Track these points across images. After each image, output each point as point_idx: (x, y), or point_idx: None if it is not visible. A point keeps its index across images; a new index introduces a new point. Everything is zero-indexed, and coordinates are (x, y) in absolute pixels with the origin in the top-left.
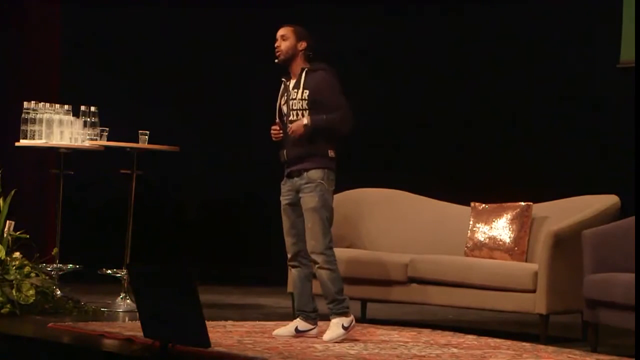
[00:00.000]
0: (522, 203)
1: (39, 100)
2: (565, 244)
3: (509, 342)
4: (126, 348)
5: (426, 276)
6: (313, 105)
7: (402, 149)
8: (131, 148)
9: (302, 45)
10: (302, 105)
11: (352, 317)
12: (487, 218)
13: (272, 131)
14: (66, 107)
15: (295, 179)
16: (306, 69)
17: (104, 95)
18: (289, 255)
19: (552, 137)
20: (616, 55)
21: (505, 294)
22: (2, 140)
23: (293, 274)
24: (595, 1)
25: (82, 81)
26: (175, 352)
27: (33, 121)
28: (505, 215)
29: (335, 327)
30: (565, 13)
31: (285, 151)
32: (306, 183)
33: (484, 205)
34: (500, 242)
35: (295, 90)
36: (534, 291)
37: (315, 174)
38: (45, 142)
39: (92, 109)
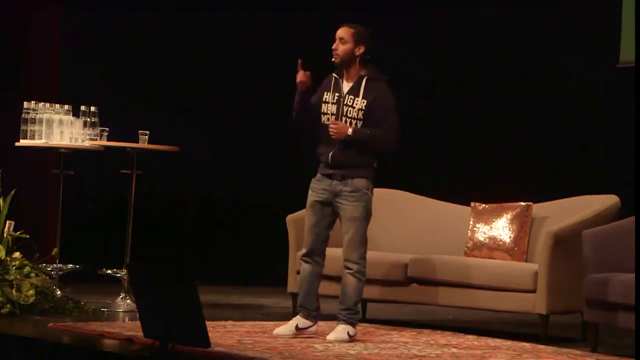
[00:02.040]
0: (522, 203)
1: (39, 100)
2: (565, 244)
3: (509, 342)
4: (126, 348)
5: (426, 276)
6: (367, 117)
7: (402, 149)
8: (131, 148)
9: (360, 49)
10: (358, 115)
11: (357, 330)
12: (487, 218)
13: (300, 77)
14: (66, 107)
15: (336, 182)
16: (366, 77)
17: (104, 95)
18: (304, 250)
19: (552, 137)
20: (616, 55)
21: (505, 294)
22: (2, 140)
23: (304, 268)
24: (595, 1)
25: (82, 81)
26: (175, 352)
27: (33, 121)
28: (505, 215)
29: (342, 332)
30: (565, 13)
31: (330, 153)
32: (351, 191)
33: (484, 205)
34: (500, 242)
35: (352, 97)
36: (534, 291)
37: (360, 182)
38: (45, 142)
39: (92, 109)
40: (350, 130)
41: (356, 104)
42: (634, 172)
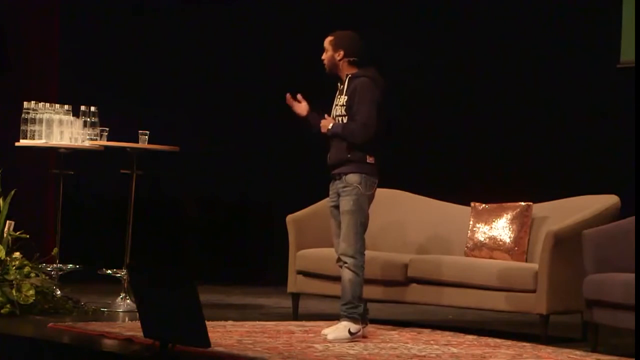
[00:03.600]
0: (522, 203)
1: (39, 100)
2: (565, 244)
3: (509, 342)
4: (126, 348)
5: (426, 276)
6: (348, 111)
7: (402, 149)
8: (131, 148)
9: (340, 54)
10: (341, 112)
11: (360, 326)
12: (487, 218)
13: (297, 109)
14: (66, 107)
15: (337, 182)
16: (349, 76)
17: (104, 95)
18: (336, 256)
19: (553, 137)
20: (616, 55)
21: (505, 294)
22: (2, 140)
23: (341, 273)
24: (595, 1)
25: (82, 81)
26: (175, 352)
27: (33, 121)
28: (505, 215)
29: (342, 329)
30: (566, 13)
31: (328, 155)
32: (344, 187)
33: (484, 205)
34: (500, 242)
35: (339, 97)
36: (534, 291)
37: (352, 178)
38: (45, 142)
39: (92, 109)
40: (330, 125)
41: (340, 102)
42: (634, 172)
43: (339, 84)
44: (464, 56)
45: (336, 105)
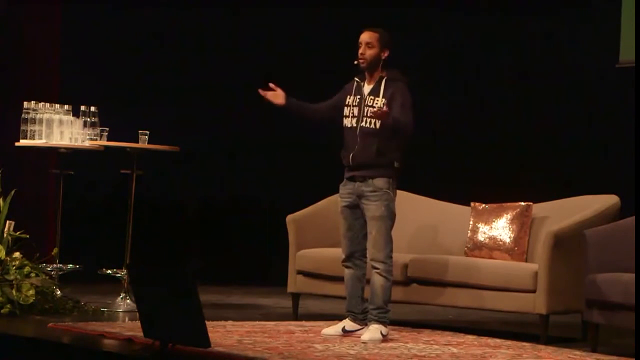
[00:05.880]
0: (522, 203)
1: (39, 100)
2: (565, 244)
3: (509, 342)
4: (126, 348)
5: (426, 276)
6: None
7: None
8: (131, 148)
9: (385, 53)
10: None
11: (388, 328)
12: (487, 218)
13: (270, 97)
14: (66, 107)
15: (358, 183)
16: (385, 79)
17: (104, 95)
18: (343, 256)
19: (553, 137)
20: (616, 55)
21: (505, 294)
22: (2, 140)
23: (345, 274)
24: (595, 1)
25: (82, 81)
26: (175, 352)
27: (33, 121)
28: (505, 215)
29: (375, 331)
30: (565, 13)
31: (351, 155)
32: (372, 191)
33: (484, 205)
34: (500, 242)
35: (372, 97)
36: (534, 291)
37: (381, 182)
38: (45, 142)
39: (92, 109)
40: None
41: (376, 104)
42: (634, 172)
43: (357, 80)
44: (464, 56)
45: (367, 105)
